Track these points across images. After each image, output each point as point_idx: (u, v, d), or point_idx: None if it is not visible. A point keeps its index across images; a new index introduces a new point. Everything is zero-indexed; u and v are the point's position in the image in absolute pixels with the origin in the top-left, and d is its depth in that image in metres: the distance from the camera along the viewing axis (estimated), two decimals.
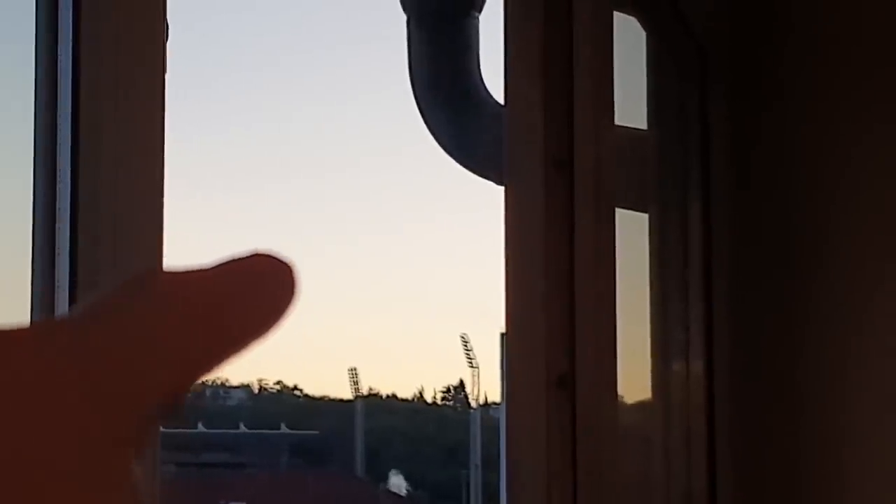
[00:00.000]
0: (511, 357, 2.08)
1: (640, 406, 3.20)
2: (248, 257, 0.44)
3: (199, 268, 0.43)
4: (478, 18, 4.21)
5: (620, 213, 2.73)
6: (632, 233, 3.10)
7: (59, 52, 1.79)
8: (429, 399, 41.65)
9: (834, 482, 3.26)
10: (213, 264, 0.43)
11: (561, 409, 2.05)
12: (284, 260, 0.45)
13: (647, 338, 3.11)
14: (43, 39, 1.81)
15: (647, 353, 3.10)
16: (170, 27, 1.90)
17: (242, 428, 33.77)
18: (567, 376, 2.06)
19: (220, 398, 38.74)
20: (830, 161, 3.33)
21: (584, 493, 2.06)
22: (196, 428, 32.55)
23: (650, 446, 3.10)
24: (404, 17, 4.27)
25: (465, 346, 33.19)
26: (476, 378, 34.07)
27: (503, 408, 2.24)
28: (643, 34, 3.09)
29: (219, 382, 39.26)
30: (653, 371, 3.10)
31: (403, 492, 31.00)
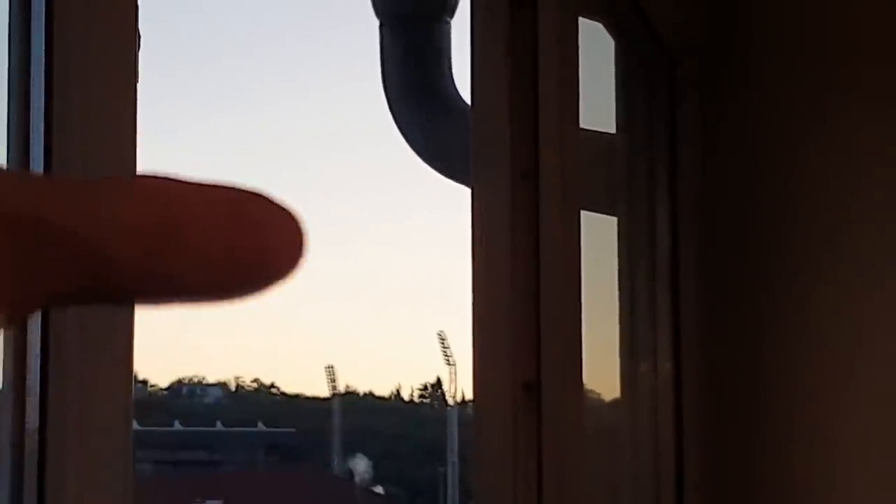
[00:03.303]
0: (477, 363, 2.11)
1: (610, 406, 3.23)
2: (246, 191, 0.39)
3: (182, 179, 0.38)
4: (450, 23, 4.24)
5: (590, 217, 2.76)
6: (601, 236, 3.14)
7: (31, 66, 1.81)
8: (406, 397, 41.60)
9: (801, 480, 3.29)
10: (201, 182, 0.38)
11: (527, 415, 2.08)
12: (290, 211, 0.39)
13: (617, 338, 3.14)
14: (15, 53, 1.83)
15: (616, 353, 3.14)
16: (142, 36, 1.92)
17: (219, 426, 33.70)
18: (533, 382, 2.09)
19: (196, 396, 38.63)
20: (799, 165, 3.37)
21: (550, 497, 2.09)
22: (172, 426, 32.48)
23: (619, 446, 3.14)
24: (377, 22, 4.29)
25: (443, 343, 33.17)
26: (453, 375, 34.06)
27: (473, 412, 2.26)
28: (612, 40, 3.12)
29: (196, 381, 39.18)
30: (622, 372, 3.14)
31: (368, 475, 30.96)
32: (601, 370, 3.12)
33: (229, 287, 0.38)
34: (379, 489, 30.95)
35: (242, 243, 0.38)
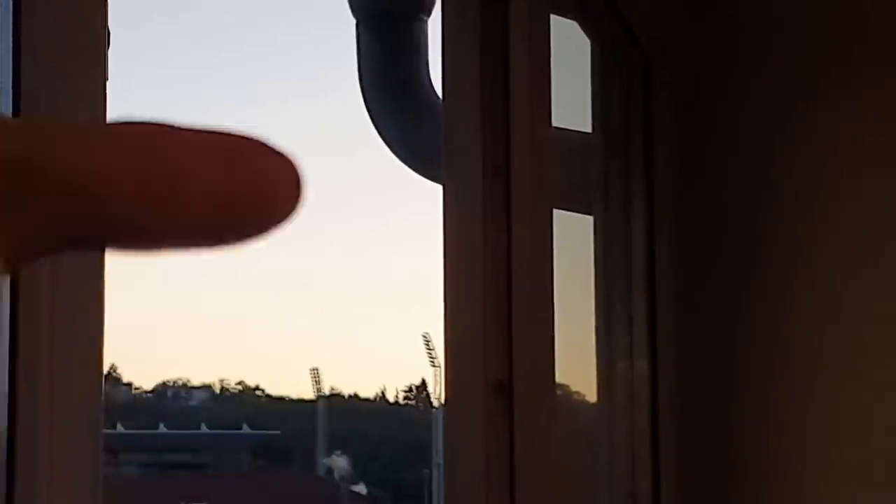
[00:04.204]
0: (450, 363, 2.10)
1: (585, 406, 3.23)
2: (241, 137, 0.38)
3: (178, 125, 0.38)
4: (426, 22, 4.22)
5: (565, 216, 2.76)
6: (577, 235, 3.13)
7: None
8: (391, 399, 41.63)
9: (777, 481, 3.29)
10: (196, 128, 0.38)
11: (499, 414, 2.07)
12: (286, 156, 0.38)
13: (593, 338, 3.13)
14: None
15: (592, 353, 3.13)
16: (111, 33, 1.91)
17: (204, 428, 33.70)
18: (505, 381, 2.08)
19: (181, 399, 38.59)
20: (775, 164, 3.37)
21: (522, 497, 2.08)
22: (158, 429, 32.47)
23: (595, 446, 3.13)
24: (353, 21, 4.28)
25: (427, 345, 33.17)
26: (438, 377, 34.05)
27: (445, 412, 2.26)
28: (588, 39, 3.12)
29: (181, 383, 39.13)
30: (598, 371, 3.13)
31: (347, 472, 31.00)
32: (577, 370, 3.12)
33: (225, 233, 0.38)
34: (361, 488, 30.95)
35: (239, 189, 0.37)
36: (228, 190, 0.37)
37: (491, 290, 2.13)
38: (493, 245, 2.13)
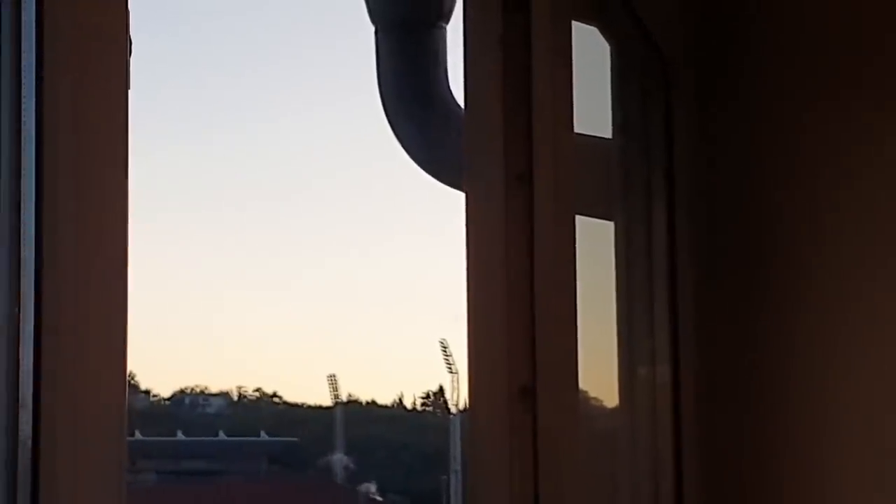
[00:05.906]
0: (473, 369, 2.11)
1: (608, 411, 3.22)
2: None
3: None
4: (445, 29, 4.23)
5: (586, 222, 2.76)
6: (598, 240, 3.13)
7: (22, 70, 1.81)
8: (408, 405, 41.63)
9: (798, 483, 3.29)
10: None
11: (523, 419, 2.07)
12: None
13: (615, 343, 3.13)
14: (7, 54, 1.82)
15: (614, 358, 3.13)
16: (133, 41, 1.92)
17: (222, 435, 33.75)
18: (528, 387, 2.08)
19: (199, 406, 38.65)
20: (794, 168, 3.36)
21: (546, 501, 2.08)
22: (175, 436, 32.53)
23: (617, 450, 3.13)
24: (372, 28, 4.29)
25: (444, 351, 33.18)
26: (455, 383, 34.04)
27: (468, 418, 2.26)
28: (608, 44, 3.12)
29: (198, 390, 39.20)
30: (620, 376, 3.13)
31: (352, 466, 31.04)
32: (599, 375, 3.12)
33: None
34: (370, 487, 30.94)
35: None
36: None
37: (514, 296, 2.13)
38: (515, 251, 2.14)
